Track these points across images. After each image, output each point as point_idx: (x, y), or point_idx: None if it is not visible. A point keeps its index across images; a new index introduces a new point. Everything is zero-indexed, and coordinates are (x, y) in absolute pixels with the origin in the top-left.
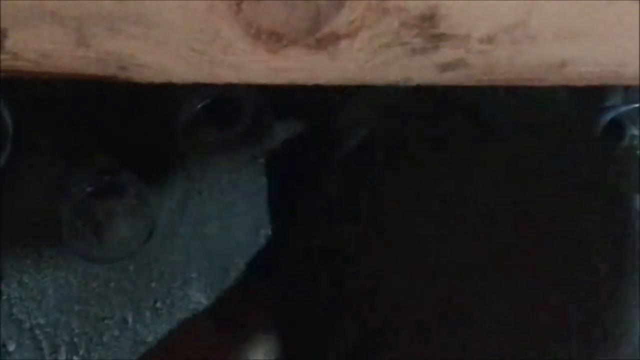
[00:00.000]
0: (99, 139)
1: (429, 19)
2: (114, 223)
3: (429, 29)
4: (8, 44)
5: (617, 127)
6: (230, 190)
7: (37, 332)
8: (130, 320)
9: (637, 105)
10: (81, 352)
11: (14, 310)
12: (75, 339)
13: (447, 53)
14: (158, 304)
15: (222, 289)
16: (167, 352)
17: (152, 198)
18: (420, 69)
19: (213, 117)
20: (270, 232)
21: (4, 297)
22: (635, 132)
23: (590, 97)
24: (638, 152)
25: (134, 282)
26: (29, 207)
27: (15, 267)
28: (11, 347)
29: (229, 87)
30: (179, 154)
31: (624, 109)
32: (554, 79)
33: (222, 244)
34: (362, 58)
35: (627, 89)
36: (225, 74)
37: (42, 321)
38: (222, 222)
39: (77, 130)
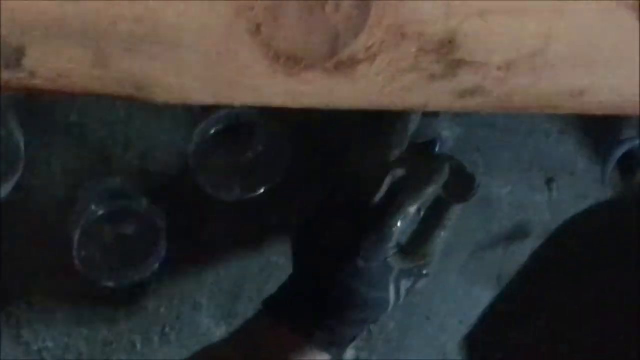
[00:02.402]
0: (109, 162)
1: (447, 44)
2: (124, 247)
3: (448, 55)
4: (25, 62)
5: (629, 159)
6: (240, 215)
7: (45, 354)
8: (138, 345)
9: None
10: None
11: (22, 332)
12: None
13: (465, 79)
14: (166, 329)
15: (230, 313)
16: None
17: (162, 222)
18: (438, 95)
19: (226, 141)
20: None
21: (13, 320)
22: None
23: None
24: None
25: (142, 306)
26: (39, 229)
27: (24, 289)
28: None
29: (243, 111)
30: (190, 177)
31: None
32: (571, 106)
33: (232, 270)
34: (380, 82)
35: None
36: (243, 96)
37: (50, 344)
38: (232, 247)
39: (87, 152)
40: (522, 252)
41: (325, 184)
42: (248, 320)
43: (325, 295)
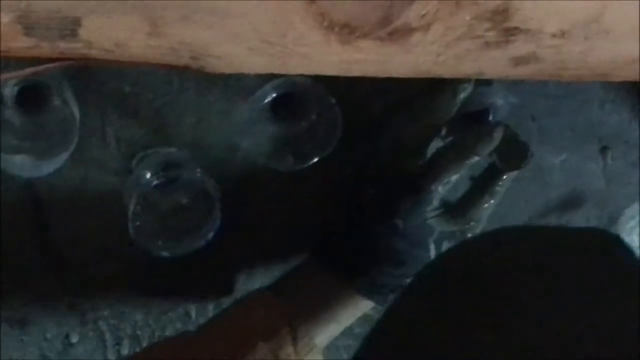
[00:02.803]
0: (164, 132)
1: (502, 12)
2: (179, 216)
3: (502, 23)
4: (82, 32)
5: None
6: (292, 184)
7: (101, 323)
8: (193, 314)
9: None
10: (144, 345)
11: (78, 302)
12: (138, 332)
13: (519, 47)
14: (221, 299)
15: None
16: (231, 319)
17: (216, 192)
18: (493, 63)
19: (279, 111)
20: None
21: (69, 289)
22: None
23: None
24: None
25: (197, 276)
26: (95, 199)
27: (80, 259)
28: (74, 339)
29: (296, 81)
30: (243, 147)
31: None
32: (626, 74)
33: (285, 238)
34: (434, 51)
35: None
36: (297, 65)
37: (105, 313)
38: (285, 215)
39: (142, 122)
40: (576, 220)
41: (367, 148)
42: (293, 269)
43: (367, 249)
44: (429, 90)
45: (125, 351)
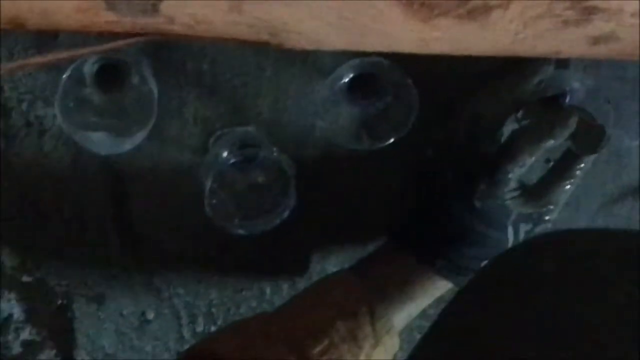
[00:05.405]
0: (241, 110)
1: None
2: (255, 195)
3: (581, 2)
4: (163, 7)
5: None
6: (368, 164)
7: (176, 301)
8: (268, 292)
9: None
10: (219, 323)
11: (154, 279)
12: (213, 310)
13: (598, 26)
14: (296, 278)
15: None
16: (310, 299)
17: (292, 171)
18: (571, 42)
19: (355, 91)
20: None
21: (145, 266)
22: None
23: None
24: None
25: (272, 254)
26: (172, 177)
27: (157, 237)
28: (150, 316)
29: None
30: (320, 127)
31: None
32: None
33: (359, 219)
34: (513, 29)
35: None
36: (375, 43)
37: (181, 291)
38: (360, 198)
39: (219, 101)
40: None
41: (444, 130)
42: (374, 251)
43: (445, 230)
44: (507, 70)
45: (200, 329)
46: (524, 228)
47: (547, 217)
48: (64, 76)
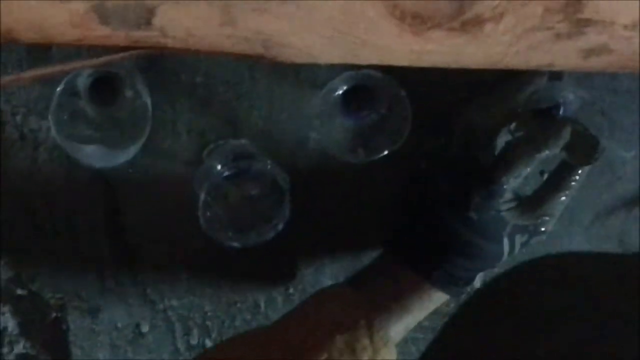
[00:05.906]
0: (235, 123)
1: (574, 3)
2: (249, 207)
3: (574, 14)
4: (156, 21)
5: None
6: (362, 176)
7: (170, 313)
8: (262, 304)
9: None
10: (213, 335)
11: (148, 291)
12: (208, 322)
13: (591, 39)
14: (290, 290)
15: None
16: (307, 312)
17: (286, 183)
18: (564, 55)
19: (350, 104)
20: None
21: (139, 279)
22: None
23: None
24: None
25: (266, 267)
26: (165, 189)
27: (149, 249)
28: (144, 328)
29: (367, 74)
30: (314, 139)
31: None
32: None
33: (354, 231)
34: (506, 42)
35: None
36: (369, 56)
37: (175, 303)
38: (354, 210)
39: (213, 113)
40: None
41: (438, 138)
42: (369, 264)
43: (441, 242)
44: (500, 81)
45: (194, 341)
46: (519, 239)
47: (542, 229)
48: (58, 89)
